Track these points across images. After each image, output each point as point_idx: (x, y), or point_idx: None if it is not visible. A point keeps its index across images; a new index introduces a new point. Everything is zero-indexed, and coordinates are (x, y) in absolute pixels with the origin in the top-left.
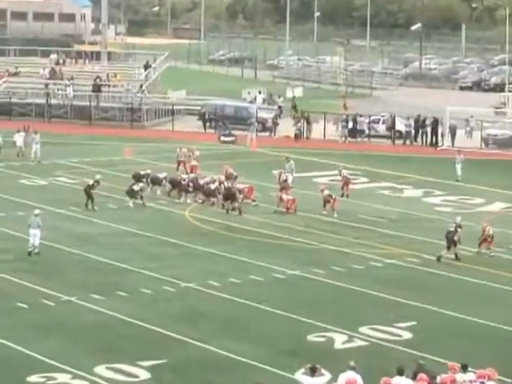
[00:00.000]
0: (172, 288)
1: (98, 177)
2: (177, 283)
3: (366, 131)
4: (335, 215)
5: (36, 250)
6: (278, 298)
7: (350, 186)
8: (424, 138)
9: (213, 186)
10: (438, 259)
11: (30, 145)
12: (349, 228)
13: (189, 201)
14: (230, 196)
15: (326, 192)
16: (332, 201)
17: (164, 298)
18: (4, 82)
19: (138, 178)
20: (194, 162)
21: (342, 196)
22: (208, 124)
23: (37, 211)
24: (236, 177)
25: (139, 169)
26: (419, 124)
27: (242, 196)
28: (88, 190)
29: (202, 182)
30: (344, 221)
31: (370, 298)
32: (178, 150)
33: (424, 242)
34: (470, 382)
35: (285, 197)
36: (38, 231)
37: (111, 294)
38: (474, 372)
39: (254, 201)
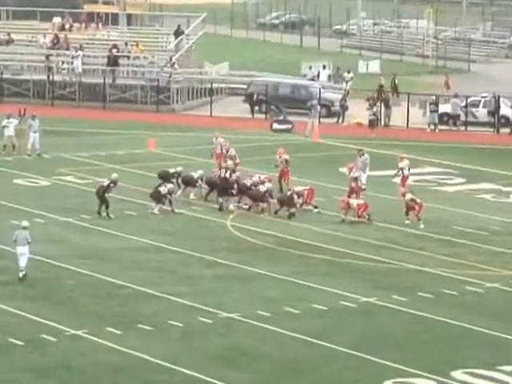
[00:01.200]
0: (210, 319)
1: (114, 176)
2: (216, 313)
3: (462, 117)
4: (421, 225)
5: (22, 274)
6: (347, 333)
7: (440, 188)
8: None
9: (263, 188)
10: None
11: (27, 134)
12: (439, 242)
13: (231, 207)
14: (285, 201)
15: (409, 196)
16: (417, 207)
17: (199, 333)
18: None
19: (165, 177)
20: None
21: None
22: (257, 107)
23: (25, 223)
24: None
25: (167, 166)
26: None
27: (300, 200)
28: (102, 193)
29: (248, 182)
30: (433, 233)
31: (465, 333)
32: (214, 139)
33: None
34: None
35: (353, 202)
36: (27, 249)
37: (131, 327)
38: None
39: (315, 207)
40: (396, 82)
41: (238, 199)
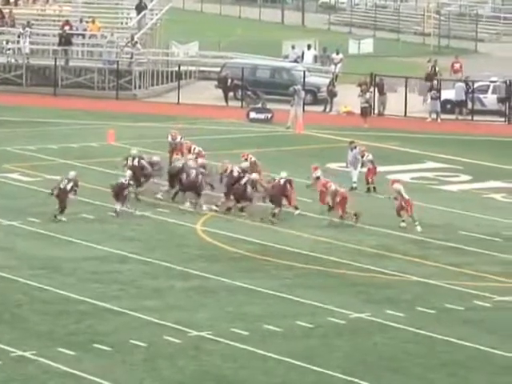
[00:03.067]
0: (178, 339)
1: (72, 174)
2: (185, 332)
3: (469, 104)
4: (418, 228)
5: None
6: (337, 355)
7: (443, 187)
8: None
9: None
10: None
11: None
12: (443, 250)
13: (204, 208)
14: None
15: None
16: (406, 205)
17: (165, 354)
18: None
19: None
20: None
21: (368, 190)
22: (231, 94)
23: None
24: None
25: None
26: None
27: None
28: (63, 197)
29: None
30: (436, 239)
31: (472, 355)
32: (170, 138)
33: None
34: None
35: (332, 185)
36: None
37: (86, 347)
38: None
39: (296, 208)
40: (437, 69)
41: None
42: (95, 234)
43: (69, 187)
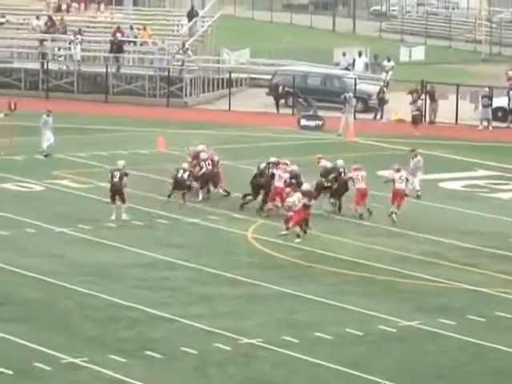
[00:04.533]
0: (228, 346)
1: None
2: (235, 339)
3: None
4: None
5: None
6: (386, 363)
7: (494, 195)
8: None
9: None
10: None
11: (15, 131)
12: (493, 258)
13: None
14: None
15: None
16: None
17: (216, 362)
18: None
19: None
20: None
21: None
22: (282, 101)
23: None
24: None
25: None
26: None
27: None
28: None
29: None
30: (487, 247)
31: None
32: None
33: None
34: None
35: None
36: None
37: (137, 354)
38: None
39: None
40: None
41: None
42: (144, 241)
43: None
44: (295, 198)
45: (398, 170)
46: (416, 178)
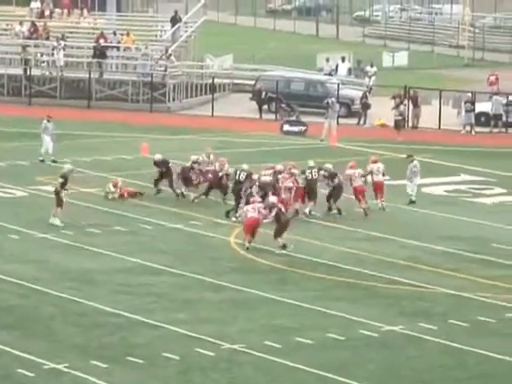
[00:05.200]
0: (211, 351)
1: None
2: (218, 344)
3: (503, 117)
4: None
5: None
6: (368, 367)
7: (477, 200)
8: None
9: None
10: None
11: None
12: (476, 262)
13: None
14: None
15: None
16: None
17: (198, 367)
18: None
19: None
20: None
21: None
22: (266, 106)
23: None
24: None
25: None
26: None
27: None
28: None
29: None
30: (469, 252)
31: (505, 368)
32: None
33: None
34: None
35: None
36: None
37: (120, 360)
38: None
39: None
40: None
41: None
42: (128, 246)
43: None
44: (246, 209)
45: (375, 161)
46: (412, 183)
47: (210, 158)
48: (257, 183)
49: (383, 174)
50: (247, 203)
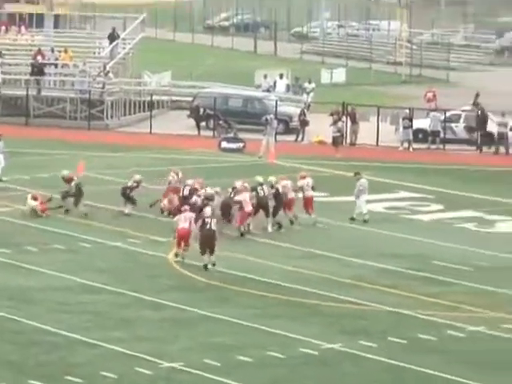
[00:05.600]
0: (149, 370)
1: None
2: (156, 363)
3: (441, 134)
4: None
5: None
6: None
7: (415, 217)
8: None
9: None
10: None
11: None
12: (416, 280)
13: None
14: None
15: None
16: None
17: None
18: None
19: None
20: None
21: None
22: (204, 123)
23: None
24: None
25: (101, 191)
26: None
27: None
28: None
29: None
30: (408, 269)
31: None
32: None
33: None
34: None
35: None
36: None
37: (57, 378)
38: None
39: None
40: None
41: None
42: (66, 264)
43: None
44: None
45: (304, 177)
46: (359, 200)
47: (179, 177)
48: (202, 196)
49: (313, 189)
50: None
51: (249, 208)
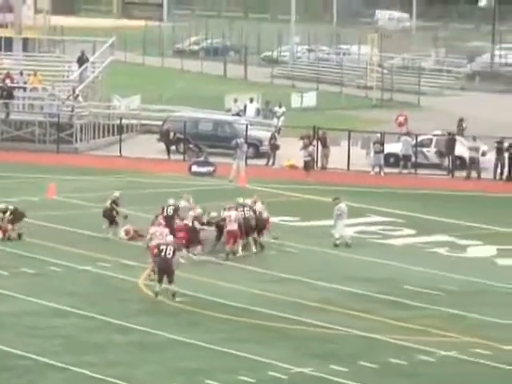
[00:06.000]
0: None
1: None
2: None
3: (413, 158)
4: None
5: None
6: None
7: (386, 241)
8: (500, 168)
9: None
10: None
11: None
12: (386, 304)
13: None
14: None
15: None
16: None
17: None
18: None
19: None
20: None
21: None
22: (174, 147)
23: None
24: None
25: (69, 215)
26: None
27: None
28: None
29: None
30: (379, 293)
31: None
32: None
33: (499, 326)
34: None
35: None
36: None
37: None
38: None
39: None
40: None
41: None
42: (36, 289)
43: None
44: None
45: (255, 202)
46: (337, 225)
47: (190, 203)
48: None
49: (266, 211)
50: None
51: (232, 227)
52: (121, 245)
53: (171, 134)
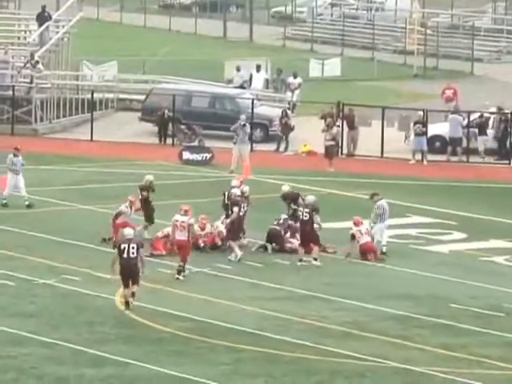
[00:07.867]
0: None
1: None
2: None
3: (463, 142)
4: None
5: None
6: None
7: (431, 248)
8: None
9: None
10: None
11: None
12: (430, 328)
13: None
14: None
15: None
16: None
17: None
18: None
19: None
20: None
21: None
22: (160, 129)
23: None
24: None
25: (26, 214)
26: None
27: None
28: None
29: None
30: (421, 314)
31: None
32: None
33: None
34: None
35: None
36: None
37: None
38: None
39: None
40: None
41: None
42: None
43: None
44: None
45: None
46: (374, 224)
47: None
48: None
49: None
50: None
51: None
52: (94, 251)
53: (157, 112)
